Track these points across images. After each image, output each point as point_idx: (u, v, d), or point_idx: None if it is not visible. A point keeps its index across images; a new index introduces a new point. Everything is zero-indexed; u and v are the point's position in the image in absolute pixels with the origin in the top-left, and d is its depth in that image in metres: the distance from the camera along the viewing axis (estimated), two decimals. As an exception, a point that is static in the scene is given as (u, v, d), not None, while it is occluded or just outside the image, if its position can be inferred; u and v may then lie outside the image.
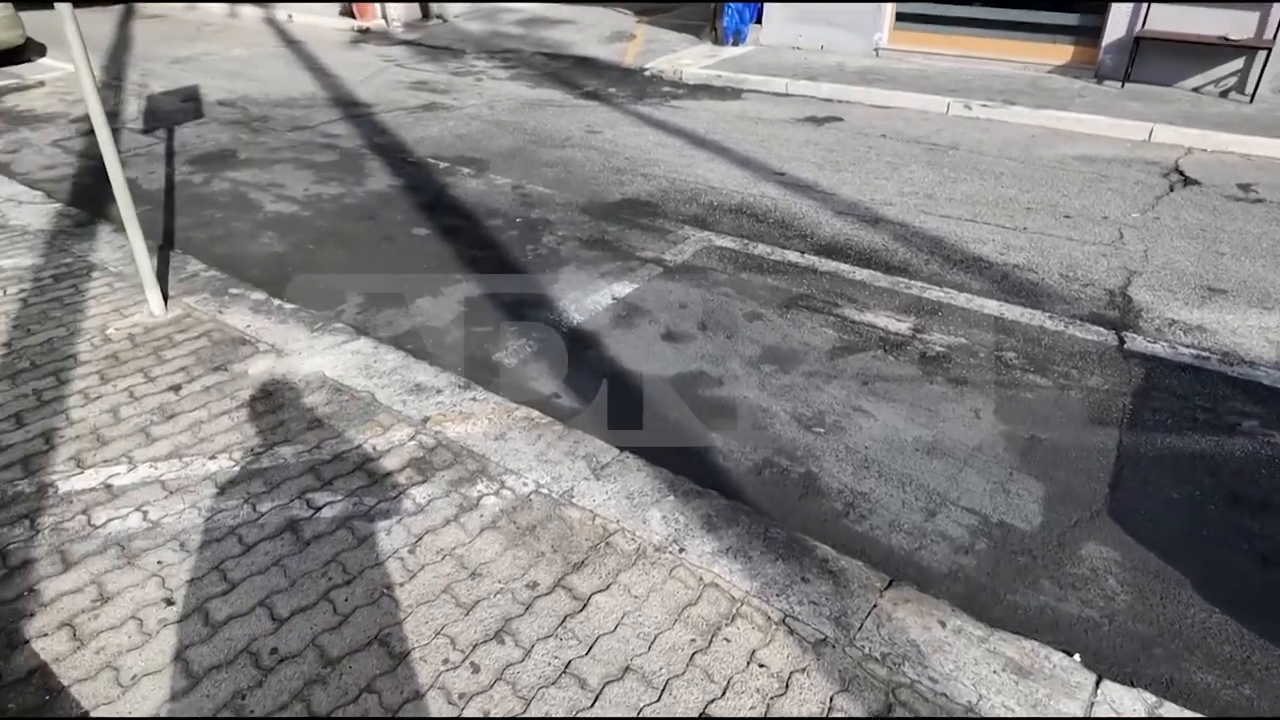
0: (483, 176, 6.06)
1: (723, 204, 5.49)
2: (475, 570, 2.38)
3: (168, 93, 8.61)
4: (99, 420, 3.03)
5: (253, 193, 5.75)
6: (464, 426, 3.04)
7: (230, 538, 2.47)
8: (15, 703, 1.95)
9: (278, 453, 2.87)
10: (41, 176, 6.05)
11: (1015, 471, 2.96)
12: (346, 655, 2.10)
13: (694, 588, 2.33)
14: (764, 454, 3.07)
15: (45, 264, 4.33)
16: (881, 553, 2.61)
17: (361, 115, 7.77)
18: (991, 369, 3.57)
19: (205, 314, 3.83)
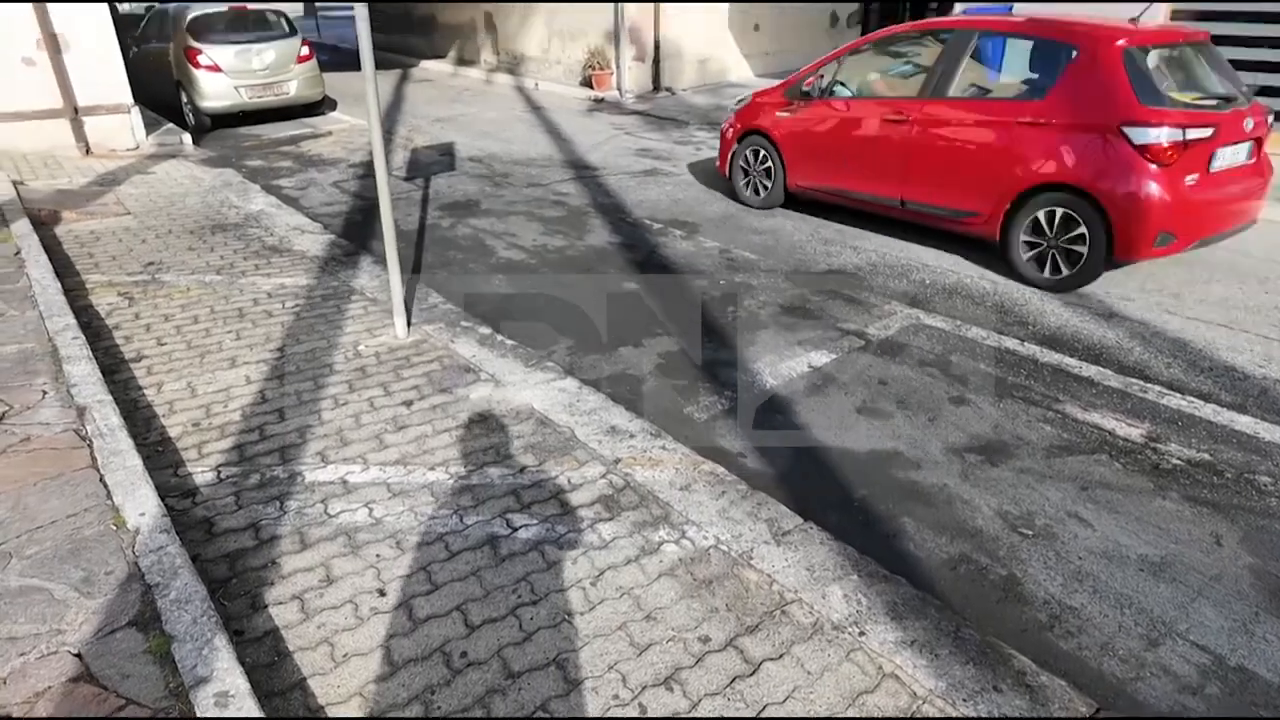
0: (692, 239, 6.30)
1: (935, 282, 5.31)
2: (650, 613, 2.43)
3: (429, 146, 9.77)
4: (344, 423, 3.44)
5: (489, 239, 6.36)
6: (652, 472, 3.14)
7: (438, 543, 2.70)
8: (251, 658, 2.24)
9: (486, 472, 3.11)
10: (321, 211, 7.06)
11: (1262, 612, 2.57)
12: (526, 672, 2.21)
13: (872, 675, 2.23)
14: (961, 548, 2.89)
15: (317, 285, 5.03)
16: (1089, 676, 2.35)
17: (589, 177, 8.37)
18: (1239, 493, 3.15)
19: (439, 341, 4.26)
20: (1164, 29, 5.97)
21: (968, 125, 5.52)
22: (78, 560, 2.43)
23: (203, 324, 4.42)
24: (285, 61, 11.22)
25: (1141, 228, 4.81)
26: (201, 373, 3.87)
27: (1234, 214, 5.24)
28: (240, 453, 3.21)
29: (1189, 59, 5.43)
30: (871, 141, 6.08)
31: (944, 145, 5.62)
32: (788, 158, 6.78)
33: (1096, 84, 4.96)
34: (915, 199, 5.91)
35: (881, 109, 6.03)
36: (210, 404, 3.58)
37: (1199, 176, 4.90)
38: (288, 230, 6.18)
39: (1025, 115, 5.21)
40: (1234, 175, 5.17)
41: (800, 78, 6.72)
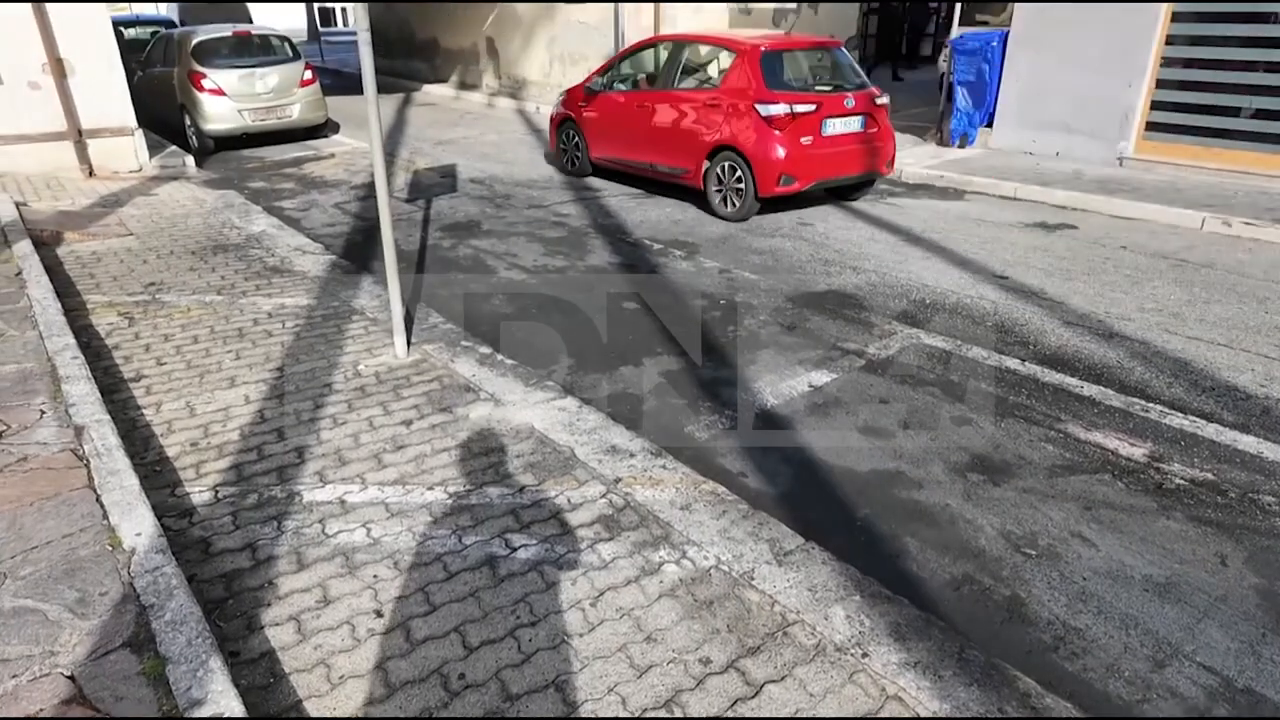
0: (692, 259, 6.32)
1: (936, 303, 5.32)
2: (651, 635, 2.41)
3: (430, 168, 9.83)
4: (342, 443, 3.43)
5: (490, 260, 6.37)
6: (652, 492, 3.12)
7: (436, 564, 2.68)
8: (247, 680, 2.21)
9: (485, 492, 3.09)
10: (323, 232, 7.09)
11: (1269, 634, 2.54)
12: (525, 694, 2.18)
13: (875, 697, 2.20)
14: (964, 569, 2.87)
15: (317, 305, 5.04)
16: (1095, 698, 2.32)
17: (590, 199, 8.41)
18: (1244, 513, 3.12)
19: (439, 361, 4.25)
20: (801, 38, 8.40)
21: (679, 108, 7.74)
22: (72, 581, 2.41)
23: (202, 344, 4.42)
24: (288, 85, 11.33)
25: (769, 173, 7.02)
26: (201, 392, 3.86)
27: (843, 165, 7.50)
28: (238, 472, 3.20)
29: (821, 59, 7.94)
30: (631, 122, 8.28)
31: (669, 123, 7.83)
32: (588, 137, 8.92)
33: (743, 76, 7.19)
34: (658, 163, 8.12)
35: (636, 99, 8.27)
36: (209, 424, 3.57)
37: (813, 138, 7.15)
38: (289, 251, 6.20)
39: (708, 99, 7.44)
40: (845, 139, 7.40)
41: (592, 77, 8.86)
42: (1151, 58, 8.68)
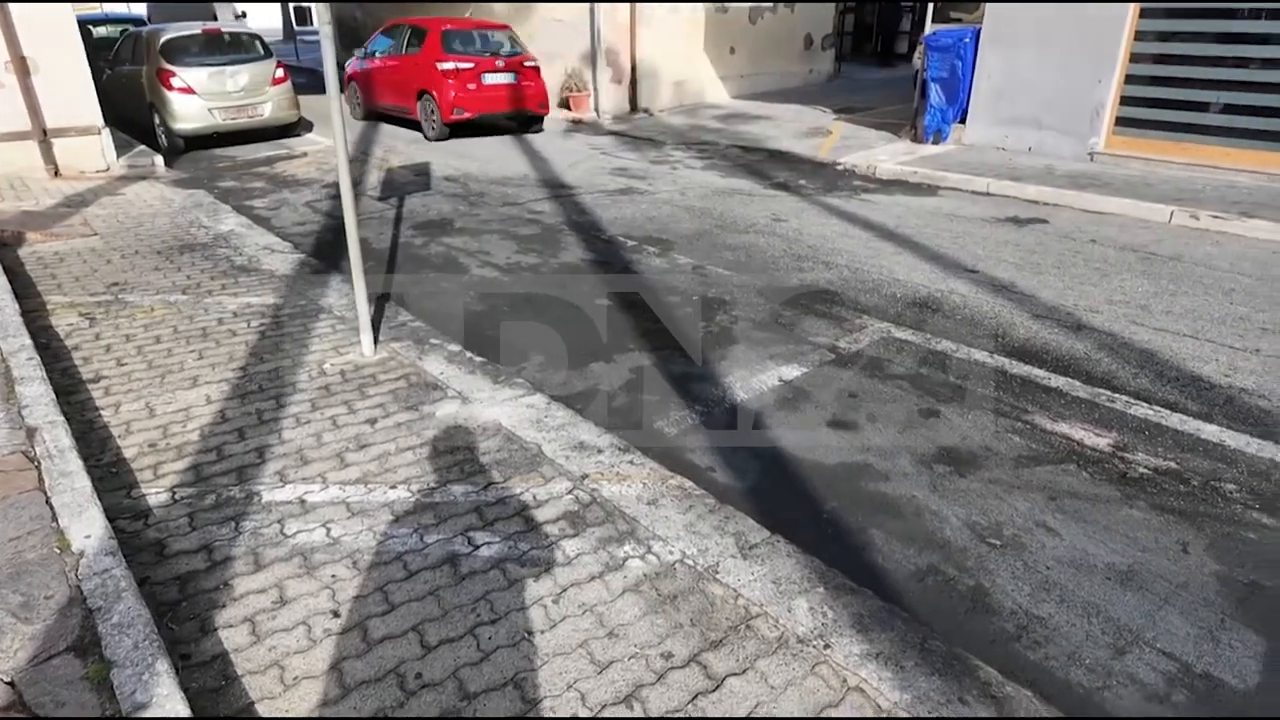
0: (666, 256, 6.30)
1: (906, 296, 5.34)
2: (613, 630, 2.38)
3: (404, 167, 9.75)
4: (305, 442, 3.38)
5: (463, 257, 6.32)
6: (619, 487, 3.09)
7: (396, 563, 2.64)
8: (198, 682, 2.16)
9: (449, 489, 3.05)
10: (293, 230, 7.01)
11: (1229, 619, 2.56)
12: (483, 693, 2.15)
13: (836, 689, 2.19)
14: (929, 560, 2.87)
15: (284, 304, 4.97)
16: (1056, 686, 2.32)
17: (565, 196, 8.37)
18: (1206, 500, 3.15)
19: (407, 359, 4.20)
20: (475, 21, 12.67)
21: (403, 68, 12.04)
22: (17, 585, 2.35)
23: (165, 344, 4.34)
24: (260, 83, 11.18)
25: (446, 107, 11.24)
26: (161, 393, 3.79)
27: (500, 104, 11.74)
28: (197, 473, 3.14)
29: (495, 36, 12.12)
30: (384, 79, 12.58)
31: (398, 79, 12.14)
32: (361, 92, 13.24)
33: (433, 45, 11.44)
34: (395, 105, 12.43)
35: (386, 62, 12.53)
36: (169, 424, 3.51)
37: (476, 85, 11.39)
38: (257, 250, 6.12)
39: (416, 60, 11.64)
40: (501, 87, 11.65)
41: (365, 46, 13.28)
42: (1121, 53, 8.77)
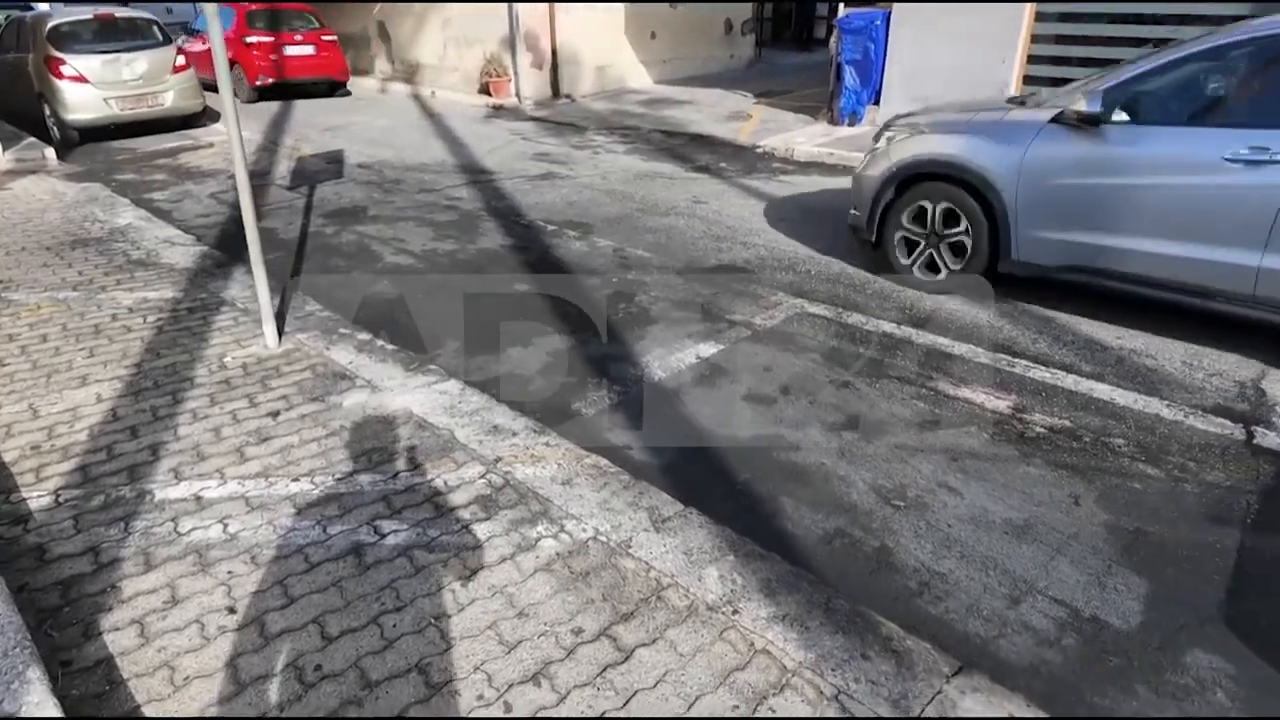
0: (586, 239, 6.27)
1: (821, 273, 5.43)
2: (523, 610, 2.36)
3: (315, 155, 9.44)
4: (202, 438, 3.24)
5: (376, 245, 6.16)
6: (533, 469, 3.07)
7: (297, 555, 2.56)
8: (79, 689, 2.06)
9: (355, 480, 2.98)
10: (196, 223, 6.71)
11: (1115, 565, 2.69)
12: (386, 680, 2.10)
13: (744, 652, 2.22)
14: (836, 523, 2.93)
15: (183, 297, 4.76)
16: (955, 638, 2.41)
17: (484, 182, 8.24)
18: (1096, 455, 3.30)
19: (314, 349, 4.08)
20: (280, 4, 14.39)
21: None
22: (-124, 599, 2.19)
23: (52, 342, 4.10)
24: (159, 71, 10.66)
25: (252, 74, 13.52)
26: (47, 393, 3.59)
27: (302, 71, 14.02)
28: (84, 474, 2.98)
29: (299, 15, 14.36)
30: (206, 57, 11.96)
31: None
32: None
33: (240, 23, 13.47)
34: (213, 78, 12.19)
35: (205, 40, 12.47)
36: (54, 425, 3.32)
37: (277, 56, 13.75)
38: (157, 243, 5.84)
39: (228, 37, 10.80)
40: (302, 57, 14.00)
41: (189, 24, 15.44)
42: (1022, 34, 9.07)
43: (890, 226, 5.22)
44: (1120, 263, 4.33)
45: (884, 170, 5.17)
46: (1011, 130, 4.63)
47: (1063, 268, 4.57)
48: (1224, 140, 3.93)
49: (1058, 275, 4.61)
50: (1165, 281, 4.22)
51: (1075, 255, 4.47)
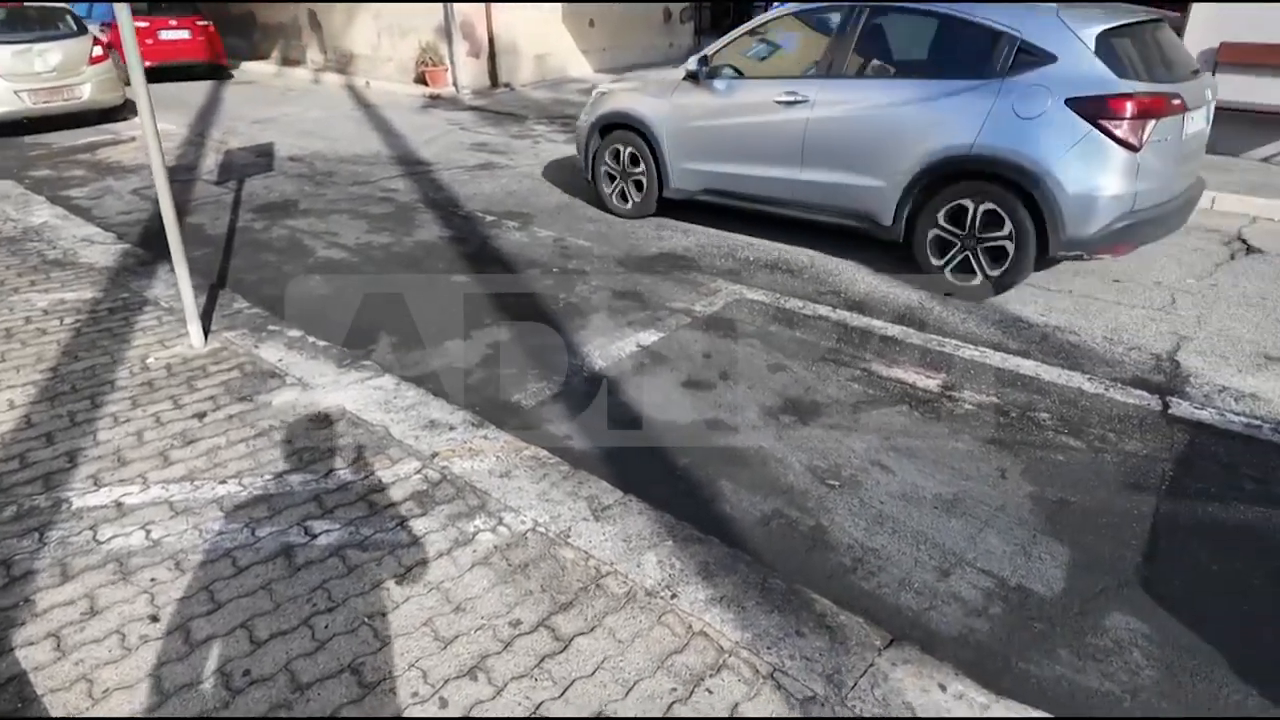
0: (526, 230, 6.21)
1: (759, 260, 5.48)
2: (460, 605, 2.34)
3: (244, 148, 9.15)
4: (123, 442, 3.12)
5: (308, 240, 6.00)
6: (471, 463, 3.03)
7: (224, 559, 2.49)
8: (-9, 708, 1.97)
9: (286, 480, 2.90)
10: (117, 220, 6.45)
11: (1040, 535, 2.78)
12: (317, 682, 2.06)
13: (682, 635, 2.24)
14: (774, 505, 2.97)
15: (103, 298, 4.57)
16: (887, 611, 2.46)
17: (421, 173, 8.09)
18: (1022, 429, 3.41)
19: (241, 348, 3.96)
20: None
21: None
22: None
23: (-41, 348, 3.90)
24: (75, 63, 10.20)
25: None
26: (-47, 402, 3.41)
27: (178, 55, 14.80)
28: (-5, 485, 2.85)
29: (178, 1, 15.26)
30: None
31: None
32: None
33: None
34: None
35: None
36: (-38, 435, 3.16)
37: (153, 40, 14.26)
38: (75, 242, 5.59)
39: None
40: (178, 41, 14.79)
41: None
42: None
43: (598, 166, 6.58)
44: (732, 184, 5.78)
45: (589, 121, 6.55)
46: (662, 87, 6.06)
47: (701, 191, 6.01)
48: (773, 87, 5.36)
49: (701, 198, 6.04)
50: (756, 196, 5.67)
51: (706, 181, 5.92)
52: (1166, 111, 4.35)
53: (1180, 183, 4.77)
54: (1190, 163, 4.90)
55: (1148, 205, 4.44)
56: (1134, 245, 4.67)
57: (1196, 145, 4.90)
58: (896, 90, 4.93)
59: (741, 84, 5.62)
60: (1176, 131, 4.49)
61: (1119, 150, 4.26)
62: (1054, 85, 4.36)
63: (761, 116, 5.41)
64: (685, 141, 5.86)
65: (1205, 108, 4.85)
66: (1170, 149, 4.48)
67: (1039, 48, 4.45)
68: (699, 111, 5.76)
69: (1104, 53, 4.36)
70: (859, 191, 5.08)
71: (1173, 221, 4.76)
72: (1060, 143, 4.31)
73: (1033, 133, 4.36)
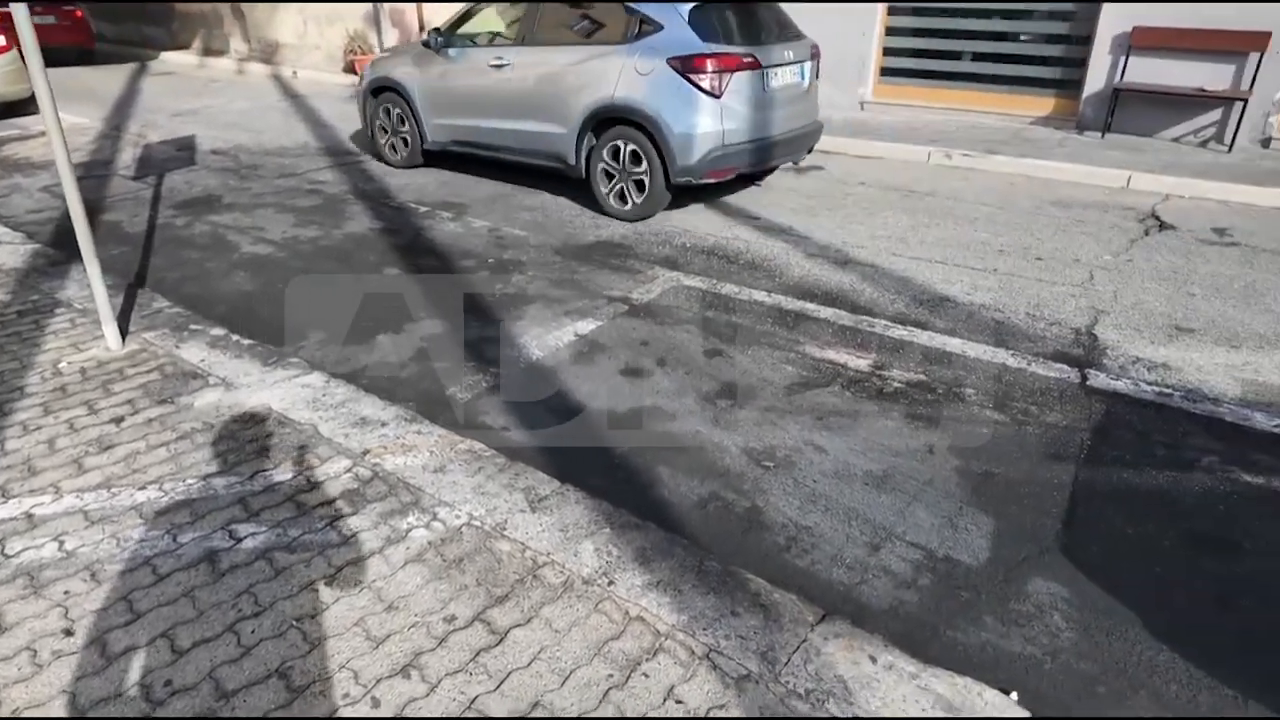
0: (460, 220, 6.11)
1: (695, 246, 5.51)
2: (392, 604, 2.30)
3: (164, 142, 8.79)
4: (34, 451, 2.98)
5: (232, 235, 5.81)
6: (404, 459, 2.98)
7: (144, 568, 2.40)
8: (-110, 735, 1.86)
9: (209, 484, 2.81)
10: (26, 219, 6.13)
11: (965, 506, 2.87)
12: (243, 689, 2.00)
13: (619, 621, 2.24)
14: (711, 488, 3.00)
15: (12, 300, 4.35)
16: (820, 587, 2.51)
17: (351, 164, 7.90)
18: (949, 405, 3.51)
19: (161, 349, 3.81)
20: None
21: None
22: None
23: None
24: (-27, 54, 9.64)
25: None
26: None
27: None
28: (-109, 501, 2.69)
29: None
30: None
31: None
32: None
33: None
34: None
35: None
36: None
37: None
38: (-22, 243, 5.30)
39: None
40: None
41: None
42: (880, 8, 9.42)
43: (375, 124, 7.71)
44: (470, 135, 6.89)
45: (364, 86, 7.71)
46: (415, 56, 7.18)
47: (450, 143, 7.12)
48: (488, 54, 6.55)
49: (453, 149, 7.15)
50: (489, 145, 6.78)
51: (452, 134, 7.04)
52: (740, 68, 5.59)
53: (780, 125, 6.04)
54: (790, 108, 6.14)
55: (736, 141, 5.71)
56: (732, 171, 5.88)
57: (791, 95, 6.14)
58: (567, 55, 6.09)
59: (467, 51, 6.77)
60: (758, 84, 5.75)
61: (705, 98, 5.52)
62: (660, 48, 5.57)
63: (482, 79, 6.59)
64: (433, 102, 7.03)
65: (797, 66, 6.13)
66: (753, 97, 5.73)
67: (653, 19, 5.67)
68: (439, 76, 6.95)
69: (695, 23, 5.58)
70: (552, 137, 6.24)
71: (777, 153, 6.18)
72: (665, 93, 5.56)
73: (648, 86, 5.61)
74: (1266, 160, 7.32)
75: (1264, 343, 4.05)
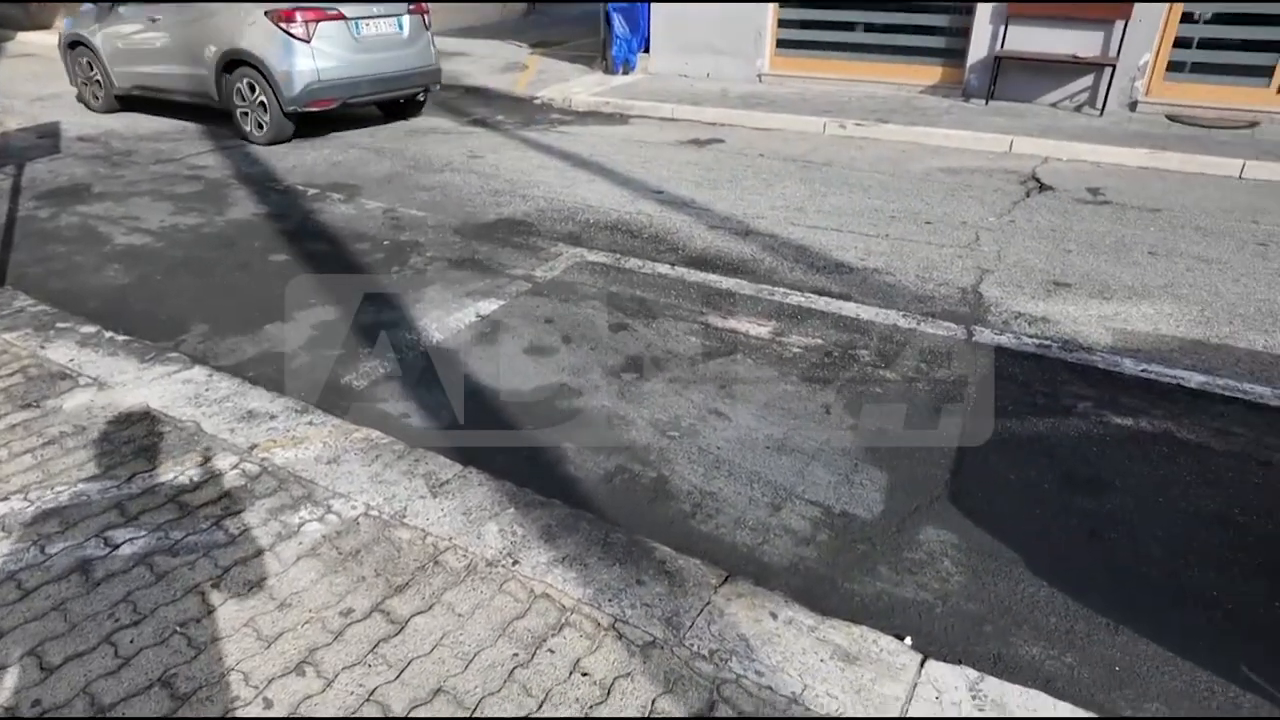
0: (353, 202, 5.89)
1: (599, 221, 5.47)
2: (284, 601, 2.21)
3: (23, 129, 8.12)
4: (-125, 467, 2.73)
5: (103, 226, 5.43)
6: (294, 452, 2.86)
7: (8, 583, 2.23)
8: None
9: (80, 490, 2.63)
10: None
11: (860, 463, 2.96)
12: (122, 700, 1.89)
13: (524, 600, 2.22)
14: (617, 461, 2.99)
15: None
16: (724, 551, 2.55)
17: (233, 147, 7.49)
18: (844, 367, 3.61)
19: (24, 350, 3.54)
20: None
21: None
22: None
23: None
24: None
25: None
26: None
27: None
28: None
29: None
30: None
31: None
32: None
33: None
34: None
35: None
36: None
37: None
38: None
39: None
40: None
41: None
42: (774, -19, 9.51)
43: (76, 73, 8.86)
44: (147, 80, 8.19)
45: (61, 41, 8.87)
46: (99, 12, 8.34)
47: (133, 89, 8.37)
48: (146, 9, 7.85)
49: (137, 94, 8.40)
50: (161, 89, 8.12)
51: (133, 80, 8.32)
52: (325, 19, 7.12)
53: (377, 67, 7.57)
54: (388, 53, 7.67)
55: (331, 78, 7.22)
56: (333, 101, 7.35)
57: (388, 43, 7.66)
58: (200, 10, 7.48)
59: (131, 8, 8.01)
60: (346, 32, 7.28)
61: (297, 42, 7.02)
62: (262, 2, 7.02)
63: (146, 33, 7.94)
64: (113, 53, 8.30)
65: (392, 19, 7.66)
66: (345, 42, 7.28)
67: None
68: (114, 31, 8.22)
69: None
70: (200, 78, 7.67)
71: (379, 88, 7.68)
72: (267, 39, 7.03)
73: (254, 34, 7.08)
74: (1134, 123, 7.77)
75: (1132, 294, 4.32)
